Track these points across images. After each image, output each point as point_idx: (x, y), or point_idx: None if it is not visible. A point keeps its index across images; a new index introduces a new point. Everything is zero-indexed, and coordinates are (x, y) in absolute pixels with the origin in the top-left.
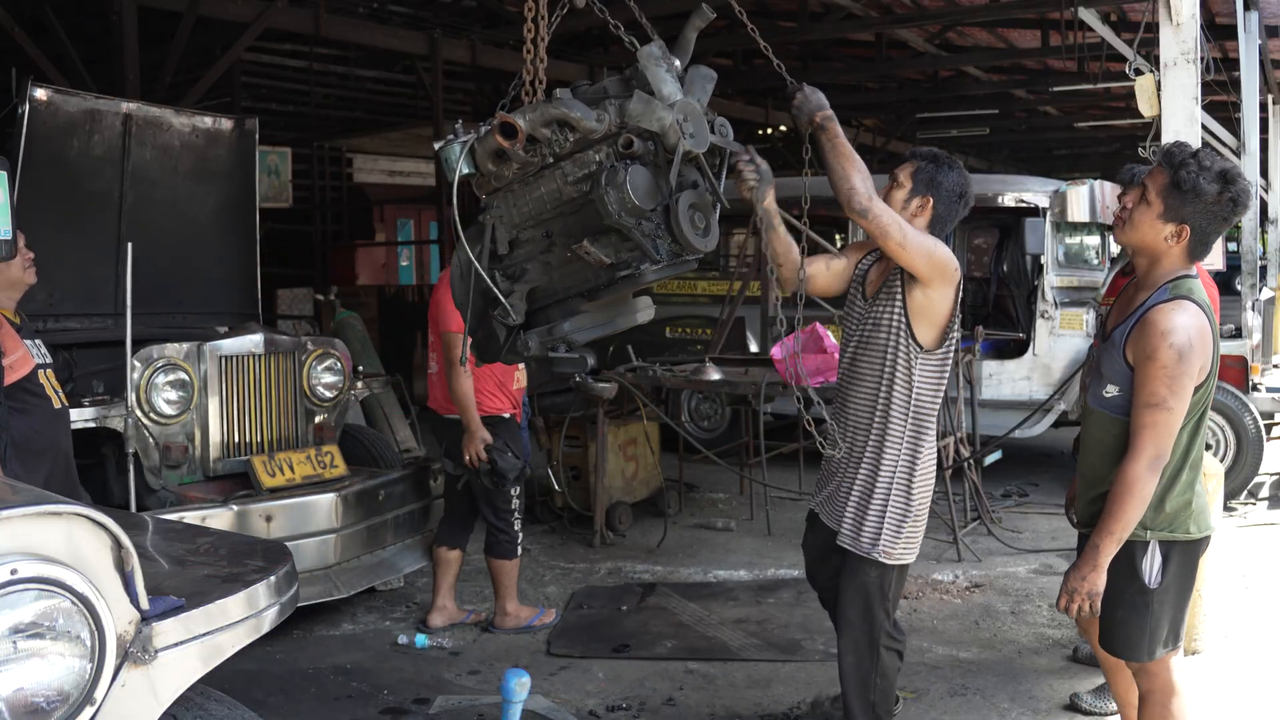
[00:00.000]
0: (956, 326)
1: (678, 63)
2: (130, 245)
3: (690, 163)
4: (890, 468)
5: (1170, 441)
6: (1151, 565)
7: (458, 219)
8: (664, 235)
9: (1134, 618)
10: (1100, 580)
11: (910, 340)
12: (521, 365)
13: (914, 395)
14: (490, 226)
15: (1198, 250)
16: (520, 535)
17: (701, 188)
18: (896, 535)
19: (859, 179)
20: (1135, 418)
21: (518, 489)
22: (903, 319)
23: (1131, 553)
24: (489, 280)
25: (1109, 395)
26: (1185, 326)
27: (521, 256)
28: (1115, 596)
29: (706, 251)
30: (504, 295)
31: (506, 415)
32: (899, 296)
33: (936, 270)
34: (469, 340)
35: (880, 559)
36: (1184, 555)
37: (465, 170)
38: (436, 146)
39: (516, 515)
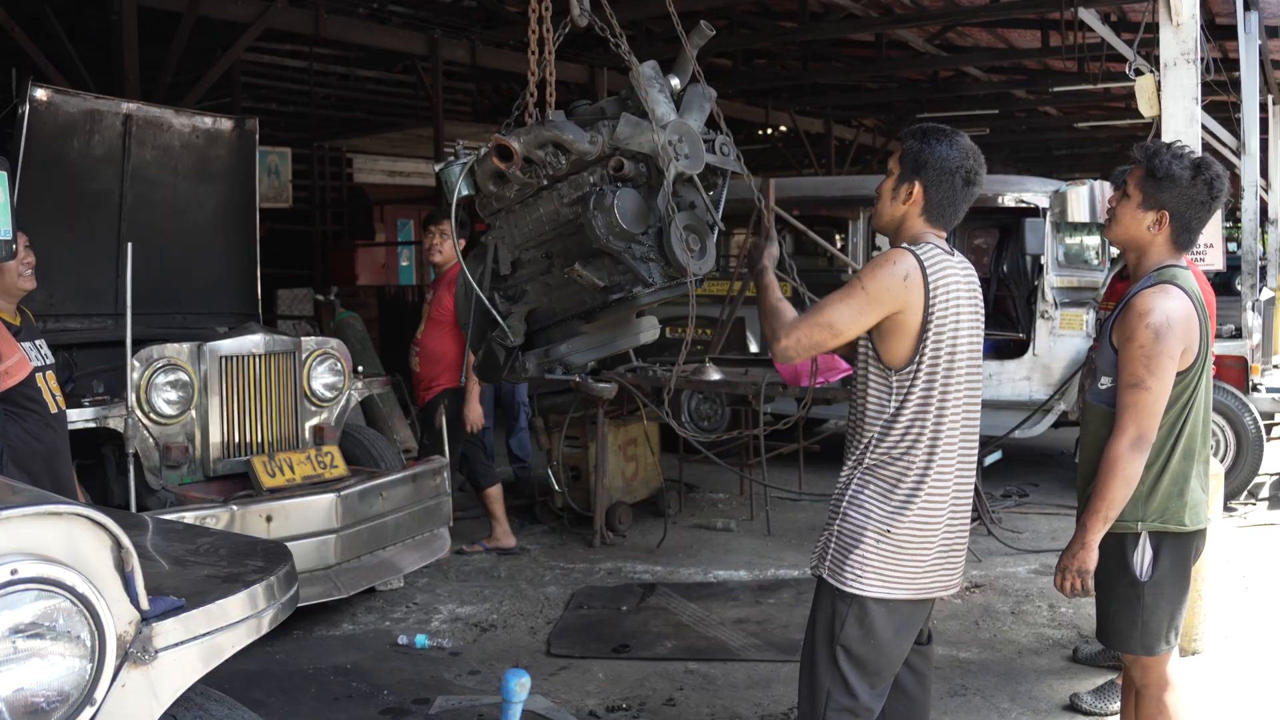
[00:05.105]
0: (938, 341)
1: (675, 81)
2: (130, 245)
3: (687, 183)
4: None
5: (1153, 423)
6: (1142, 558)
7: (455, 235)
8: (657, 258)
9: (1126, 610)
10: (1089, 559)
11: (875, 358)
12: None
13: (886, 414)
14: (493, 247)
15: (1181, 238)
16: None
17: (698, 208)
18: (845, 559)
19: (771, 324)
20: (1118, 400)
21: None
22: (868, 340)
23: (1123, 545)
24: (488, 302)
25: (1103, 387)
26: (1163, 308)
27: (523, 277)
28: (1108, 589)
29: (701, 274)
30: (502, 317)
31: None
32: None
33: (881, 312)
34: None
35: (829, 580)
36: (1176, 548)
37: (465, 191)
38: (436, 169)
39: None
